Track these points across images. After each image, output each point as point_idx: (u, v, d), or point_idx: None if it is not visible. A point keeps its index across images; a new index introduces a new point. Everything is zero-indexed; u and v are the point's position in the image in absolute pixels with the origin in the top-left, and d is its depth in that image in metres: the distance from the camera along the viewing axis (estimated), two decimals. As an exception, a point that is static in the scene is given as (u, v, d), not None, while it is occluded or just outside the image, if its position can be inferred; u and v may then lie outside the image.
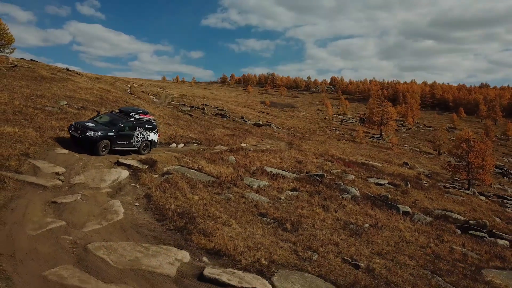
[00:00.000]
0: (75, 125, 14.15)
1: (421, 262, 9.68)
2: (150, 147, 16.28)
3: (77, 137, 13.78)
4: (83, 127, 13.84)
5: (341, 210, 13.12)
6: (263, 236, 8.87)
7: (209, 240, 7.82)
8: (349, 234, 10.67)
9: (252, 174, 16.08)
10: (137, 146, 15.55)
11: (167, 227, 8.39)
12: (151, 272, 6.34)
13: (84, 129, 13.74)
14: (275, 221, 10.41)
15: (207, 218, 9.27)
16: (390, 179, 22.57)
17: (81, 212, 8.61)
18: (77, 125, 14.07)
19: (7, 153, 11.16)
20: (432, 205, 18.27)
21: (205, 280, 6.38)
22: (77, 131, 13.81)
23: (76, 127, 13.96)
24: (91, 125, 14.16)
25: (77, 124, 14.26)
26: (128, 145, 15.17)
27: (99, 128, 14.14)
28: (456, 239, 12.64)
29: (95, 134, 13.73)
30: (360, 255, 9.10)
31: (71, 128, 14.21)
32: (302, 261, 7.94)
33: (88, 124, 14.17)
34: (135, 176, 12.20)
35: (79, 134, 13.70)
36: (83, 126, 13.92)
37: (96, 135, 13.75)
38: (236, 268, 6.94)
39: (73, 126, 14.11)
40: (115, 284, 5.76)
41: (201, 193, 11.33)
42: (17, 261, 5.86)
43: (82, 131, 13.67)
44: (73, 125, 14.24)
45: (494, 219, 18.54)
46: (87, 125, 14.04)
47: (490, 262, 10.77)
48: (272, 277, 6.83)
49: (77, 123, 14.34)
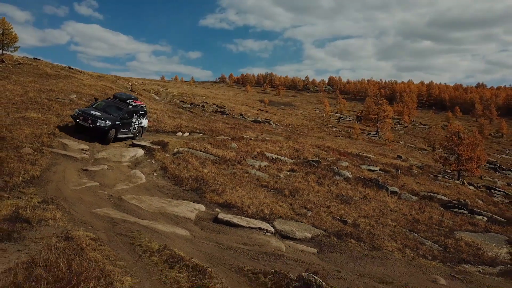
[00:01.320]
0: (82, 114, 13.70)
1: (401, 224, 11.18)
2: (142, 133, 16.38)
3: (87, 126, 13.43)
4: (93, 117, 13.50)
5: (334, 186, 14.62)
6: (265, 198, 10.37)
7: (220, 197, 9.31)
8: (340, 202, 12.16)
9: (253, 157, 17.56)
10: (133, 133, 15.53)
11: (184, 188, 9.88)
12: (176, 215, 7.82)
13: (94, 118, 13.44)
14: (275, 190, 11.89)
15: (216, 184, 10.76)
16: (382, 166, 24.09)
17: (110, 177, 10.08)
18: (84, 114, 13.64)
19: (38, 131, 12.64)
20: (420, 188, 19.77)
21: (219, 222, 7.86)
22: (86, 120, 13.42)
23: (84, 117, 13.52)
24: (97, 113, 13.81)
25: (83, 113, 13.77)
26: (128, 132, 15.12)
27: (107, 117, 13.84)
28: (436, 211, 14.14)
29: (105, 124, 13.51)
30: (348, 216, 10.60)
31: (77, 117, 13.71)
32: (298, 216, 9.44)
33: (95, 113, 13.80)
34: (149, 154, 13.66)
35: (89, 123, 13.36)
36: (92, 115, 13.57)
37: (106, 125, 13.53)
38: (244, 216, 8.44)
39: (81, 115, 13.63)
40: (149, 221, 7.22)
41: (209, 168, 12.81)
42: (70, 203, 7.32)
43: (92, 121, 13.35)
44: (80, 113, 13.77)
45: (477, 201, 20.05)
46: (95, 114, 13.71)
47: (463, 227, 12.28)
48: (273, 222, 8.33)
49: (83, 112, 13.85)
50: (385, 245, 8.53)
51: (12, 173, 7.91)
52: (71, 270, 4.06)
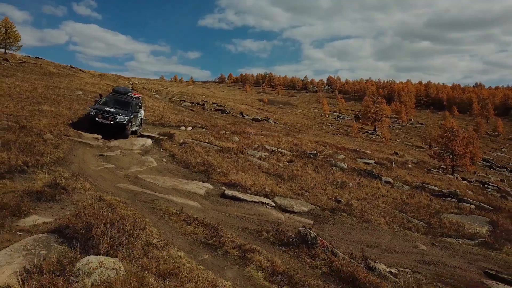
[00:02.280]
0: (100, 112, 13.69)
1: (391, 206, 12.15)
2: (141, 124, 16.59)
3: (107, 124, 13.46)
4: (111, 113, 13.60)
5: (330, 174, 15.59)
6: (266, 180, 11.34)
7: (225, 178, 10.28)
8: (335, 186, 13.14)
9: (254, 149, 18.52)
10: (137, 126, 15.74)
11: (192, 171, 10.84)
12: (187, 191, 8.78)
13: (114, 115, 13.57)
14: (275, 175, 12.86)
15: (221, 168, 11.71)
16: (377, 160, 25.07)
17: (124, 161, 11.04)
18: (103, 112, 13.67)
19: (55, 122, 13.58)
20: (412, 179, 20.74)
21: (226, 197, 8.82)
22: (106, 118, 13.47)
23: (103, 115, 13.55)
24: (112, 110, 13.94)
25: (100, 111, 13.77)
26: (134, 125, 15.26)
27: (121, 112, 13.97)
28: (425, 197, 15.10)
29: (124, 119, 13.72)
30: (342, 197, 11.57)
31: (96, 115, 13.60)
32: (296, 195, 10.41)
33: (110, 109, 13.92)
34: (157, 143, 14.61)
35: (110, 121, 13.43)
36: (110, 112, 13.67)
37: (125, 120, 13.74)
38: (247, 193, 9.40)
39: (99, 114, 13.61)
40: (164, 194, 8.17)
41: (214, 156, 13.77)
42: (94, 179, 8.26)
43: (113, 118, 13.46)
44: (98, 112, 13.70)
45: (467, 191, 21.03)
46: (111, 110, 13.81)
47: (449, 210, 13.25)
48: (274, 198, 9.31)
49: (100, 110, 13.84)
50: (374, 220, 9.50)
51: (41, 153, 8.85)
52: (110, 218, 5.00)
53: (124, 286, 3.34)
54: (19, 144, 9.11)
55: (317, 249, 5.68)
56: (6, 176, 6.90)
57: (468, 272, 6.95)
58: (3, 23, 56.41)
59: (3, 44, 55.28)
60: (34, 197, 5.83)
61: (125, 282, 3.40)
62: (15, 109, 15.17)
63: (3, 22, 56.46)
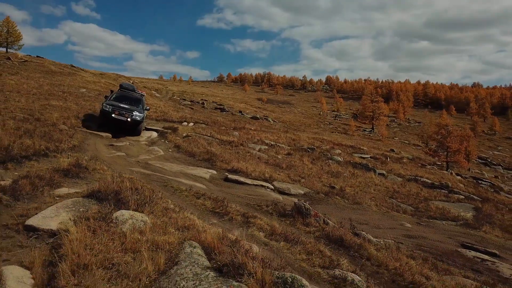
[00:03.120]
0: (116, 108, 13.42)
1: (382, 193, 12.99)
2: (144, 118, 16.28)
3: (124, 120, 13.31)
4: (128, 110, 13.53)
5: (326, 166, 16.41)
6: (265, 168, 12.15)
7: (228, 165, 11.10)
8: (330, 176, 13.97)
9: (253, 143, 19.34)
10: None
11: (197, 159, 11.66)
12: (194, 175, 9.59)
13: (130, 111, 13.52)
14: (274, 165, 13.68)
15: (224, 157, 12.53)
16: (373, 155, 25.91)
17: (133, 150, 11.85)
18: (120, 109, 13.43)
19: (66, 115, 14.39)
20: (406, 172, 21.59)
21: (229, 181, 9.64)
22: (123, 115, 13.33)
23: (120, 111, 13.32)
24: (127, 106, 13.83)
25: (117, 107, 13.49)
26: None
27: (135, 108, 13.95)
28: (416, 187, 15.95)
29: (140, 116, 13.72)
30: (336, 184, 12.39)
31: (112, 112, 13.28)
32: (293, 181, 11.23)
33: (125, 106, 13.79)
34: (162, 136, 15.42)
35: (127, 117, 13.32)
36: (126, 109, 13.54)
37: (141, 117, 13.75)
38: (248, 178, 10.21)
39: (116, 110, 13.32)
40: (173, 177, 8.98)
41: (216, 147, 14.58)
42: (108, 164, 9.06)
43: (129, 115, 13.39)
44: (114, 108, 13.40)
45: (458, 184, 21.87)
46: (127, 107, 13.70)
47: (437, 198, 14.09)
48: (273, 182, 10.13)
49: (116, 106, 13.55)
50: (365, 203, 10.33)
51: (60, 141, 9.65)
52: (133, 186, 5.81)
53: (152, 232, 4.15)
54: (39, 133, 9.91)
55: (310, 218, 6.50)
56: (33, 158, 7.70)
57: (447, 244, 7.78)
58: (5, 22, 57.12)
59: (4, 43, 56.03)
60: (62, 174, 6.63)
61: (152, 229, 4.22)
62: (27, 104, 15.97)
63: (4, 22, 57.17)
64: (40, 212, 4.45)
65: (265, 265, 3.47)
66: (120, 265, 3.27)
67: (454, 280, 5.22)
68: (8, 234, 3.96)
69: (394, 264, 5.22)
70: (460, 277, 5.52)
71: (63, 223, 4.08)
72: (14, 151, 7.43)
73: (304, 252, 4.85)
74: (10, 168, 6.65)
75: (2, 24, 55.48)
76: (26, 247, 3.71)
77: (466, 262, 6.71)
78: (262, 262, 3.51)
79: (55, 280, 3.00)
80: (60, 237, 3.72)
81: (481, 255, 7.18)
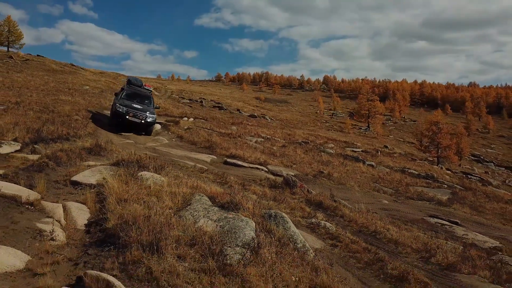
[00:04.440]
0: (131, 110, 13.33)
1: (368, 178, 14.23)
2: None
3: (138, 122, 13.34)
4: (142, 111, 13.52)
5: (317, 156, 17.65)
6: (261, 155, 13.38)
7: (227, 151, 12.33)
8: (320, 164, 15.20)
9: (250, 136, 20.57)
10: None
11: (198, 147, 12.89)
12: (197, 158, 10.81)
13: (144, 113, 13.52)
14: (268, 154, 14.91)
15: (223, 146, 13.76)
16: (364, 149, 27.18)
17: (140, 139, 13.06)
18: (134, 110, 13.38)
19: (77, 108, 15.58)
20: (395, 164, 22.85)
21: (228, 164, 10.88)
22: (137, 117, 13.30)
23: (134, 113, 13.27)
24: (140, 106, 13.83)
25: (129, 108, 13.36)
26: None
27: (148, 109, 14.00)
28: (401, 175, 17.18)
29: (153, 117, 13.81)
30: (324, 170, 13.64)
31: (127, 113, 13.17)
32: (286, 167, 12.47)
33: (138, 106, 13.77)
34: (165, 128, 16.63)
35: (141, 119, 13.34)
36: (140, 110, 13.53)
37: (154, 118, 13.88)
38: (245, 162, 11.45)
39: (130, 112, 13.25)
40: (179, 159, 10.20)
41: (215, 138, 15.79)
42: (122, 148, 10.25)
43: (143, 117, 13.40)
44: (129, 110, 13.28)
45: (444, 176, 23.14)
46: (140, 108, 13.70)
47: (418, 184, 15.34)
48: (267, 166, 11.35)
49: (129, 107, 13.42)
50: (349, 184, 11.58)
51: (77, 128, 10.85)
52: (150, 158, 7.02)
53: (169, 186, 5.37)
54: (58, 121, 11.11)
55: (296, 189, 7.74)
56: (57, 141, 8.89)
57: (416, 215, 9.02)
58: (6, 21, 58.12)
59: (6, 42, 57.02)
60: (87, 151, 7.84)
61: (169, 185, 5.44)
62: (38, 98, 17.15)
63: (6, 21, 58.17)
64: (80, 173, 5.68)
65: (255, 205, 4.70)
66: (148, 202, 4.49)
67: (411, 233, 6.46)
68: (60, 186, 5.18)
69: (362, 221, 6.46)
70: (417, 232, 6.75)
71: (100, 179, 5.30)
72: (44, 134, 8.63)
73: (289, 208, 6.09)
74: (42, 147, 7.85)
75: (3, 23, 56.50)
76: (75, 193, 4.92)
77: (428, 226, 7.93)
78: (254, 202, 4.73)
79: (104, 209, 4.21)
80: (102, 186, 4.94)
81: (443, 222, 8.41)
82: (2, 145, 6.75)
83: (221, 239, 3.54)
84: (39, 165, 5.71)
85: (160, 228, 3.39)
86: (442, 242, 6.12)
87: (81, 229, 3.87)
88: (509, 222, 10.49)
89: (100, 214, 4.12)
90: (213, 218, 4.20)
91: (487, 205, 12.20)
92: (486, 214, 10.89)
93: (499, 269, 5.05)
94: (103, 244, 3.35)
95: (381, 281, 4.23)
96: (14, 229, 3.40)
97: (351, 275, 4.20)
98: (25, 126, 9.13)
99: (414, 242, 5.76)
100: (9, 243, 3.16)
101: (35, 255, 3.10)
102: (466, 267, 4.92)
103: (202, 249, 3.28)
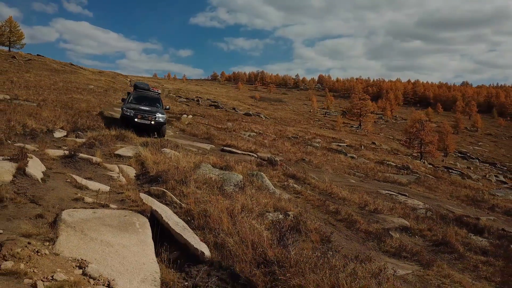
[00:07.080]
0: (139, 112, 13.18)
1: (344, 165, 16.57)
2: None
3: (148, 124, 13.12)
4: (151, 113, 13.37)
5: (304, 148, 20.00)
6: (252, 145, 15.70)
7: (223, 142, 14.64)
8: (304, 154, 17.54)
9: (244, 131, 22.89)
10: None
11: (199, 138, 15.19)
12: (198, 146, 13.11)
13: (153, 114, 13.33)
14: (260, 145, 17.23)
15: (220, 137, 16.06)
16: (349, 143, 29.57)
17: (150, 132, 15.30)
18: (142, 112, 13.23)
19: (91, 105, 17.81)
20: (375, 157, 25.24)
21: (224, 151, 13.18)
22: (147, 118, 13.13)
23: (143, 115, 13.11)
24: (148, 108, 13.71)
25: (137, 110, 13.22)
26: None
27: (157, 110, 13.86)
28: (376, 166, 19.54)
29: (163, 118, 13.62)
30: (306, 158, 15.97)
31: (135, 116, 12.97)
32: (273, 154, 14.79)
33: (147, 108, 13.66)
34: (168, 123, 18.81)
35: (150, 120, 13.13)
36: (149, 112, 13.40)
37: (164, 119, 13.70)
38: (239, 150, 13.76)
39: (139, 114, 13.09)
40: (184, 146, 12.47)
41: (213, 131, 18.10)
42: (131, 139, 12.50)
43: (152, 117, 13.20)
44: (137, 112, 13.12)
45: (420, 167, 25.56)
46: (148, 109, 13.59)
47: (389, 171, 17.70)
48: (257, 153, 13.67)
49: (137, 109, 13.28)
50: (325, 168, 13.92)
51: (96, 121, 13.09)
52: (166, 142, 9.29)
53: (184, 157, 7.66)
54: (83, 116, 13.35)
55: (277, 166, 10.05)
56: (87, 131, 11.14)
57: (374, 190, 11.36)
58: (7, 22, 59.94)
59: (7, 42, 58.82)
60: (114, 138, 10.10)
61: (184, 156, 7.74)
62: (56, 97, 19.32)
63: (7, 21, 59.99)
64: (119, 149, 7.97)
65: (244, 168, 7.01)
66: (172, 164, 6.77)
67: (359, 195, 8.80)
68: (107, 157, 7.46)
69: (324, 187, 8.78)
70: (366, 196, 9.08)
71: (135, 153, 7.61)
72: (79, 124, 10.89)
73: (269, 176, 8.39)
74: (82, 134, 10.11)
75: (5, 23, 58.29)
76: (122, 161, 7.21)
77: (378, 195, 10.26)
78: (242, 167, 7.04)
79: (145, 167, 6.50)
80: (138, 156, 7.24)
81: (392, 193, 10.74)
82: (55, 132, 9.01)
83: (221, 182, 5.86)
84: (89, 144, 8.00)
85: (184, 174, 5.69)
86: (380, 201, 8.44)
87: (133, 178, 6.16)
88: (454, 198, 12.88)
89: (142, 170, 6.42)
90: (215, 174, 6.52)
91: (441, 187, 14.59)
92: (436, 193, 13.27)
93: (408, 213, 7.36)
94: (151, 182, 5.65)
95: (323, 213, 6.54)
96: (96, 174, 5.69)
97: (304, 209, 6.51)
98: (65, 118, 11.37)
99: (358, 199, 8.08)
100: (97, 181, 5.44)
101: (113, 186, 5.37)
102: (387, 211, 7.23)
103: (211, 185, 5.59)
